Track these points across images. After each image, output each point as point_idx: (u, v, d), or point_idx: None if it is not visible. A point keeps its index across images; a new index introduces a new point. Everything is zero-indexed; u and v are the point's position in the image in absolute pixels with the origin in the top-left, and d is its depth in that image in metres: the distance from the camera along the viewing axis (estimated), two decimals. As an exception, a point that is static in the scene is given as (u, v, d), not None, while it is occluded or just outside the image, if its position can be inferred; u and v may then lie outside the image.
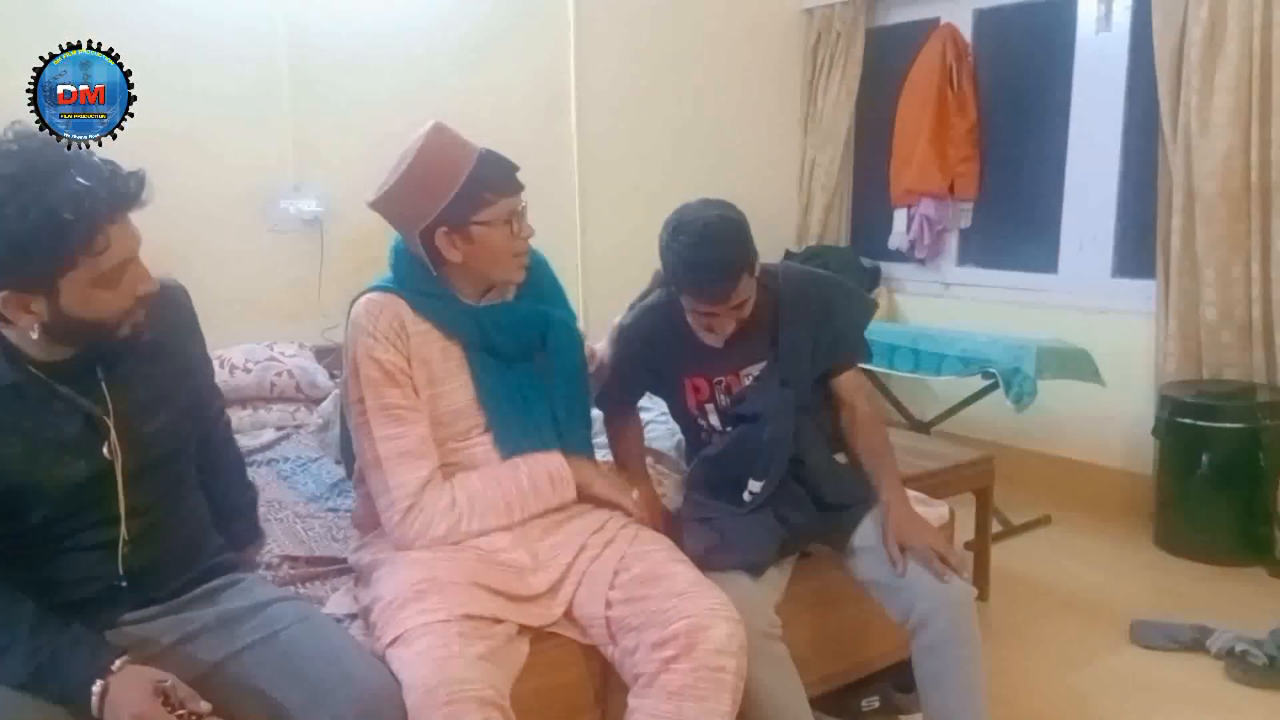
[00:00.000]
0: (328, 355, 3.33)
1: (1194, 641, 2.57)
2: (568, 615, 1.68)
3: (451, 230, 1.67)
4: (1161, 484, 3.39)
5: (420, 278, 1.72)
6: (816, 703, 1.82)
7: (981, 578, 2.78)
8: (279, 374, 3.09)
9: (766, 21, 4.57)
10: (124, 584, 1.42)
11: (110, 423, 1.37)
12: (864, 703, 2.24)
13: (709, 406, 1.96)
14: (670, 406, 2.10)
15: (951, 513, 2.37)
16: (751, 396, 1.90)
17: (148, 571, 1.45)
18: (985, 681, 1.79)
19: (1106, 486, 3.75)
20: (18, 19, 2.87)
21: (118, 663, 1.31)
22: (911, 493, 2.18)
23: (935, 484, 2.56)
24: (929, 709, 1.81)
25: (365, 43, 3.51)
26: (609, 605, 1.63)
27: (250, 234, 3.37)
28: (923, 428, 3.71)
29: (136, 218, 1.34)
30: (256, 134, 3.34)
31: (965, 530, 2.64)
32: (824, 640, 2.08)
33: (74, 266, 1.23)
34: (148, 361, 1.43)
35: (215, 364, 1.91)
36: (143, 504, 1.43)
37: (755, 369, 1.91)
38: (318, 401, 3.01)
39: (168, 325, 1.47)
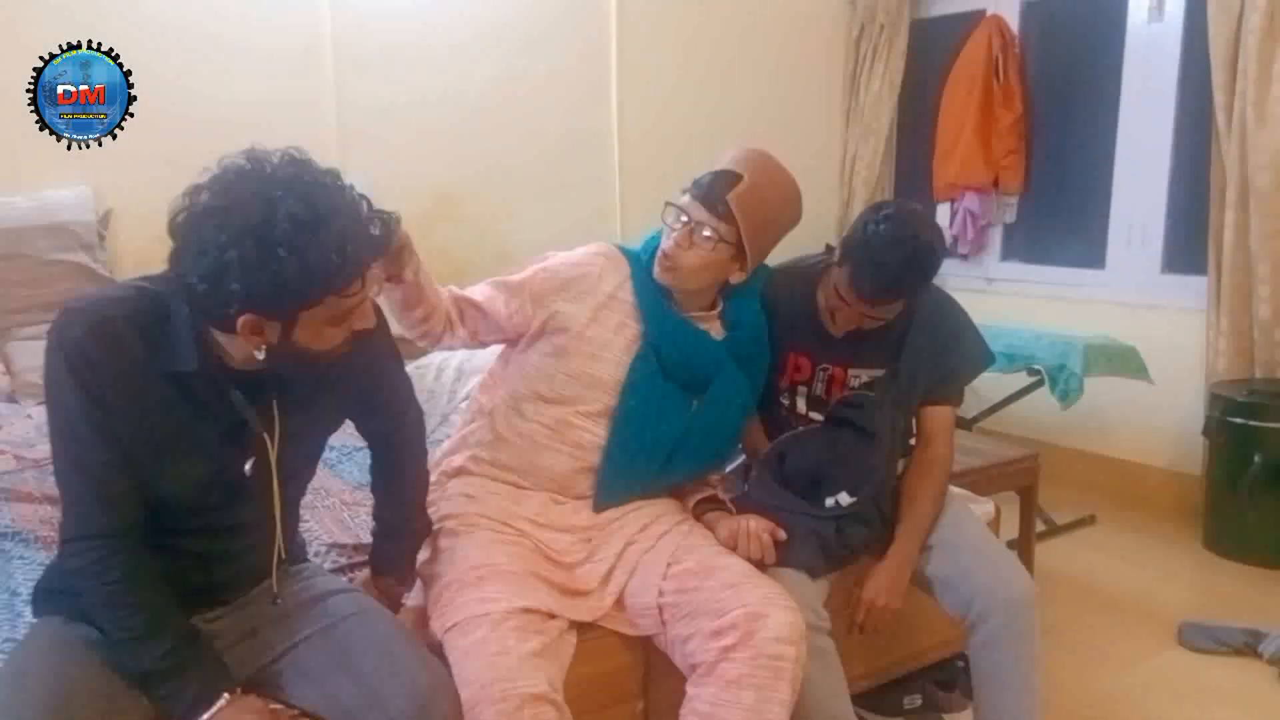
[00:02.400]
0: (370, 344, 3.36)
1: (1245, 645, 2.52)
2: (617, 607, 1.68)
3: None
4: (1211, 485, 3.33)
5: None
6: (858, 699, 1.81)
7: (1025, 577, 2.75)
8: (322, 363, 3.11)
9: (808, 13, 4.53)
10: (279, 601, 1.46)
11: (272, 442, 1.37)
12: (906, 700, 2.22)
13: (802, 389, 1.92)
14: None
15: (997, 509, 2.34)
16: (862, 407, 1.83)
17: (244, 575, 1.47)
18: (1040, 680, 1.77)
19: (1153, 486, 3.69)
20: (61, 10, 2.91)
21: (236, 692, 1.33)
22: (957, 490, 2.16)
23: (979, 481, 2.53)
24: (982, 704, 1.80)
25: (408, 35, 3.53)
26: (661, 594, 1.63)
27: (295, 224, 3.39)
28: (965, 424, 3.67)
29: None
30: (300, 124, 3.36)
31: (1009, 529, 2.61)
32: (867, 636, 2.05)
33: (320, 304, 1.23)
34: (319, 387, 1.42)
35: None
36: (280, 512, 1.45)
37: (864, 373, 1.88)
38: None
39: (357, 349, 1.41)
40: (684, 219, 1.69)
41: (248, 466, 1.37)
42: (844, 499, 1.80)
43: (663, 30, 4.11)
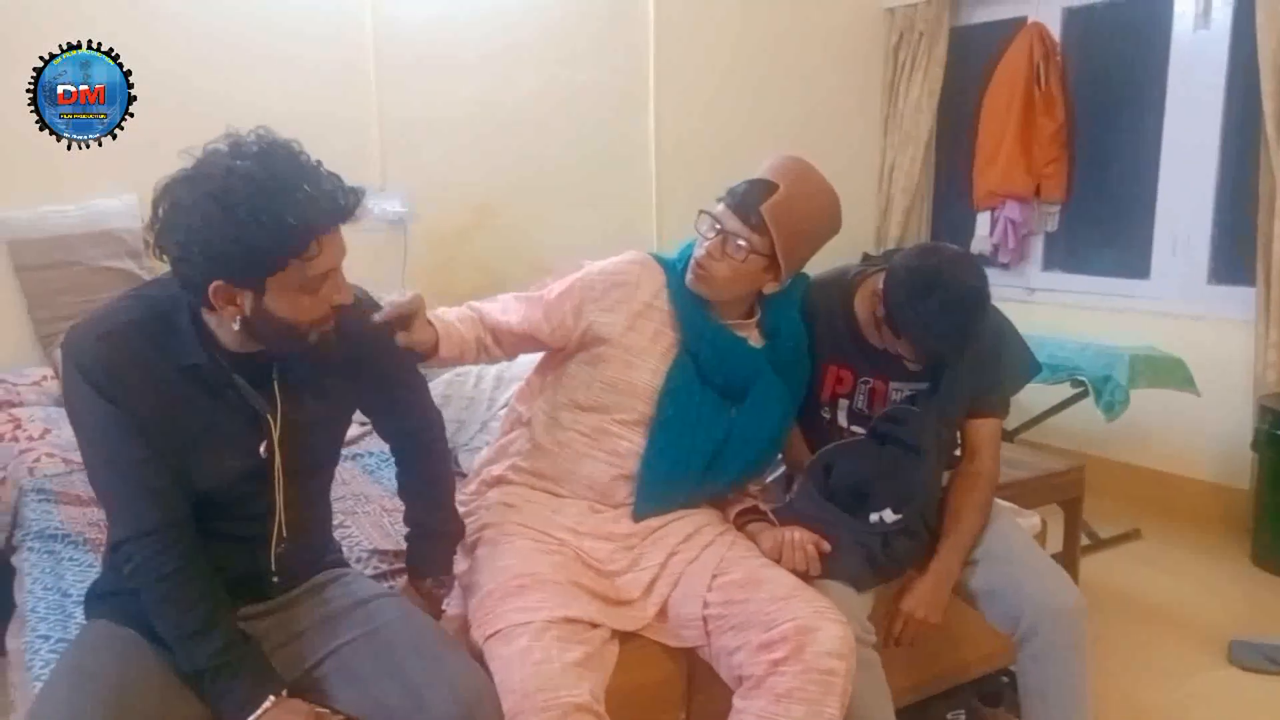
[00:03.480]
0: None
1: (1300, 665, 2.46)
2: (660, 618, 1.67)
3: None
4: (1260, 499, 3.26)
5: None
6: (900, 713, 1.78)
7: (1070, 591, 2.70)
8: (363, 370, 3.14)
9: (847, 21, 4.51)
10: (276, 579, 1.47)
11: (276, 424, 1.40)
12: (949, 715, 2.19)
13: (843, 402, 1.90)
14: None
15: (1044, 523, 2.31)
16: (906, 422, 1.80)
17: (290, 568, 1.49)
18: (1090, 695, 1.74)
19: (1199, 500, 3.62)
20: (107, 21, 2.97)
21: (283, 694, 1.34)
22: (1002, 502, 2.13)
23: (1023, 493, 2.50)
24: (1030, 719, 1.77)
25: (449, 47, 3.56)
26: (706, 605, 1.62)
27: (336, 233, 3.43)
28: (1007, 436, 3.62)
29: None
30: (343, 135, 3.40)
31: (1053, 542, 2.57)
32: (911, 649, 2.03)
33: (284, 269, 1.27)
34: (323, 371, 1.45)
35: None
36: (297, 502, 1.47)
37: (906, 386, 1.85)
38: (400, 398, 3.05)
39: (347, 338, 1.45)
40: (717, 228, 1.68)
41: (262, 449, 1.40)
42: (889, 515, 1.77)
43: (700, 40, 4.12)
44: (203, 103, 3.08)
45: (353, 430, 2.92)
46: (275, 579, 1.48)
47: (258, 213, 1.22)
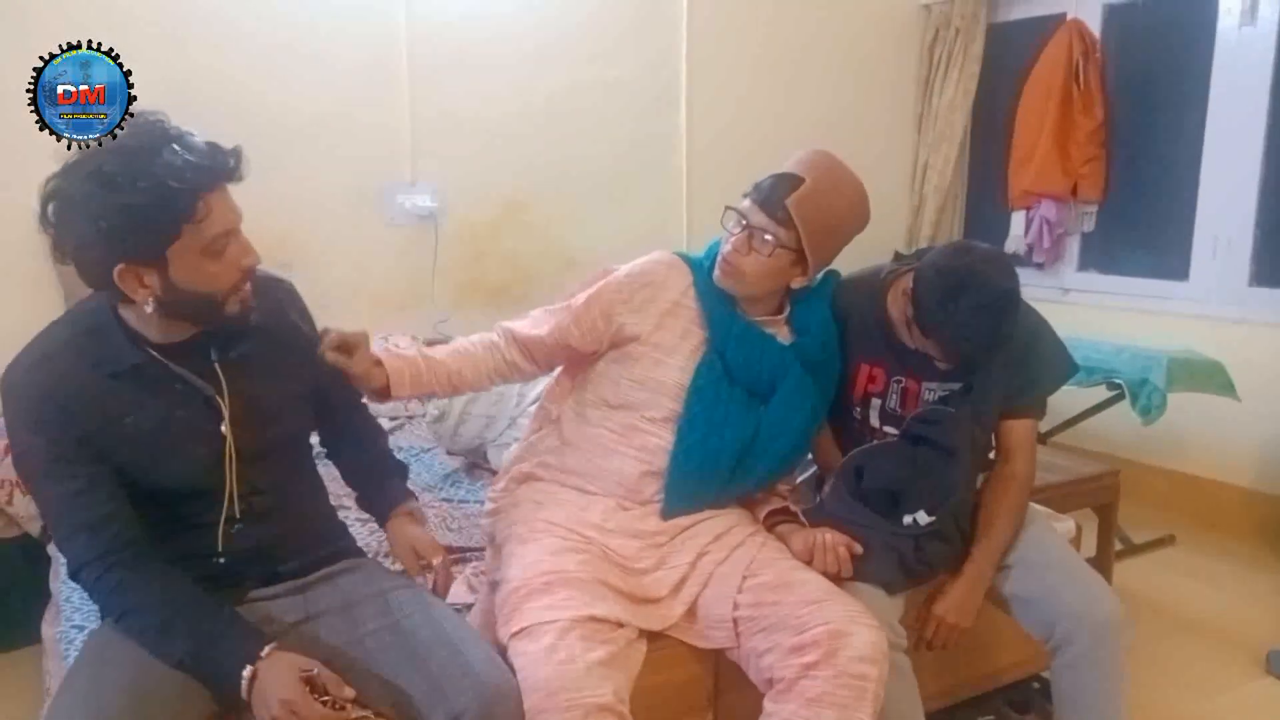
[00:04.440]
0: (439, 347, 3.39)
1: (1340, 677, 2.41)
2: (688, 619, 1.66)
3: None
4: (1300, 507, 3.20)
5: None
6: (930, 718, 1.76)
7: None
8: (392, 365, 3.15)
9: (881, 17, 4.47)
10: (222, 560, 1.46)
11: (225, 403, 1.41)
12: (978, 721, 2.17)
13: (875, 401, 1.88)
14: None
15: (1078, 528, 2.27)
16: (940, 423, 1.77)
17: (265, 550, 1.49)
18: (1126, 704, 1.71)
19: (1236, 506, 3.55)
20: (147, 16, 3.00)
21: (267, 649, 1.34)
22: (1038, 507, 2.10)
23: (1057, 497, 2.46)
24: (1064, 729, 1.75)
25: (480, 41, 3.56)
26: (736, 607, 1.61)
27: (367, 227, 3.45)
28: (1040, 438, 3.57)
29: (263, 206, 1.40)
30: (375, 130, 3.42)
31: (1086, 548, 2.53)
32: (941, 653, 2.00)
33: (179, 236, 1.28)
34: (262, 346, 1.47)
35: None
36: (260, 485, 1.47)
37: (939, 386, 1.82)
38: (429, 393, 3.07)
39: (279, 312, 1.52)
40: (744, 223, 1.67)
41: (223, 428, 1.41)
42: (922, 517, 1.75)
43: (732, 36, 4.09)
44: (238, 101, 3.11)
45: (384, 424, 2.95)
46: (221, 560, 1.46)
47: (136, 180, 1.23)
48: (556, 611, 1.49)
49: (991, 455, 1.93)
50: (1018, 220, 4.30)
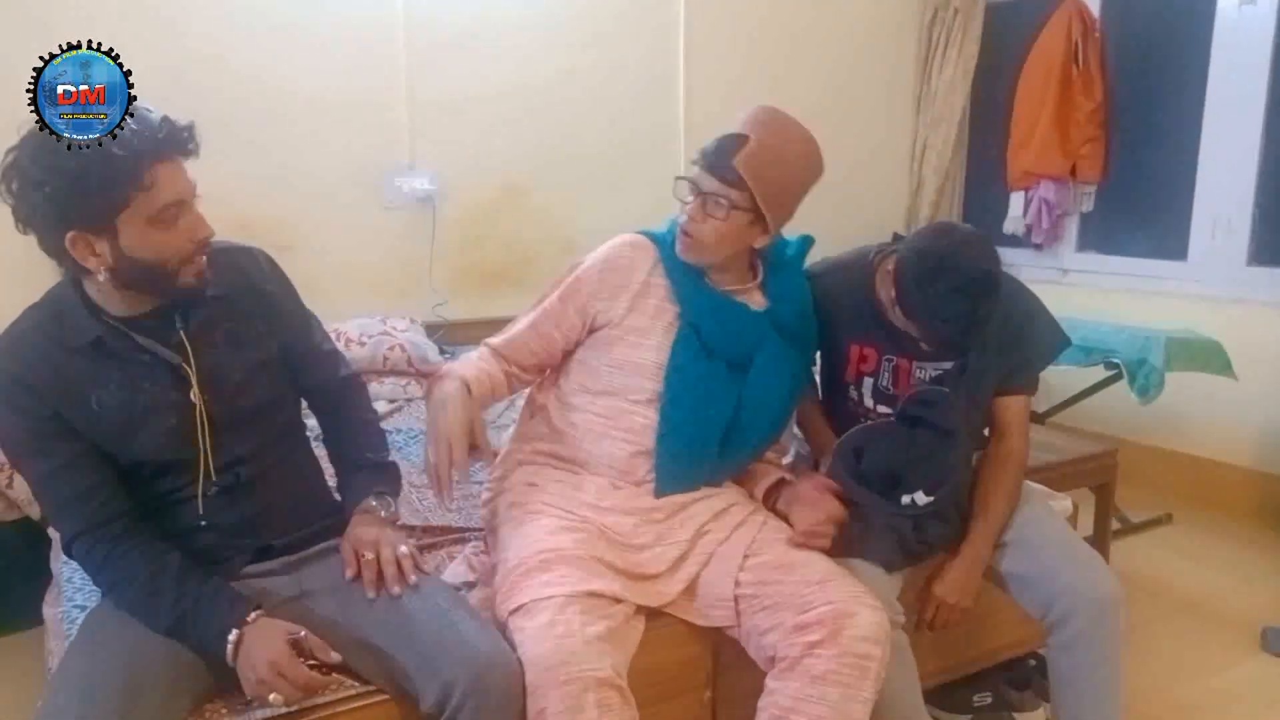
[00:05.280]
0: (438, 330, 3.40)
1: (1335, 653, 2.42)
2: (687, 597, 1.66)
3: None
4: (1297, 486, 3.21)
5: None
6: (928, 695, 1.78)
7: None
8: (391, 348, 3.15)
9: (880, -1, 4.45)
10: (206, 528, 1.47)
11: (193, 371, 1.42)
12: (976, 698, 2.18)
13: (867, 381, 1.88)
14: (823, 369, 2.00)
15: (1075, 507, 2.28)
16: (936, 404, 1.77)
17: (253, 522, 1.51)
18: (1122, 685, 1.72)
19: (1234, 486, 3.57)
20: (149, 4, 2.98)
21: (253, 614, 1.37)
22: (1035, 485, 2.11)
23: (1055, 477, 2.47)
24: (1061, 708, 1.76)
25: (479, 28, 3.54)
26: (738, 585, 1.62)
27: (365, 210, 3.44)
28: (1038, 418, 3.58)
29: (261, 190, 1.40)
30: (373, 113, 3.40)
31: (1083, 526, 2.54)
32: (940, 631, 2.02)
33: (128, 204, 1.29)
34: (227, 315, 1.48)
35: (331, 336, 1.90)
36: (239, 455, 1.48)
37: (930, 365, 1.82)
38: (427, 376, 3.07)
39: (243, 280, 1.53)
40: (695, 190, 1.66)
41: (192, 395, 1.42)
42: (920, 498, 1.76)
43: (730, 18, 4.07)
44: (236, 85, 3.10)
45: (380, 408, 2.96)
46: (203, 528, 1.47)
47: (79, 148, 1.26)
48: (554, 588, 1.49)
49: (986, 433, 1.94)
50: (1017, 201, 4.29)
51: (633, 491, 1.73)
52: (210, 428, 1.44)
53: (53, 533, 2.08)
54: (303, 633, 1.37)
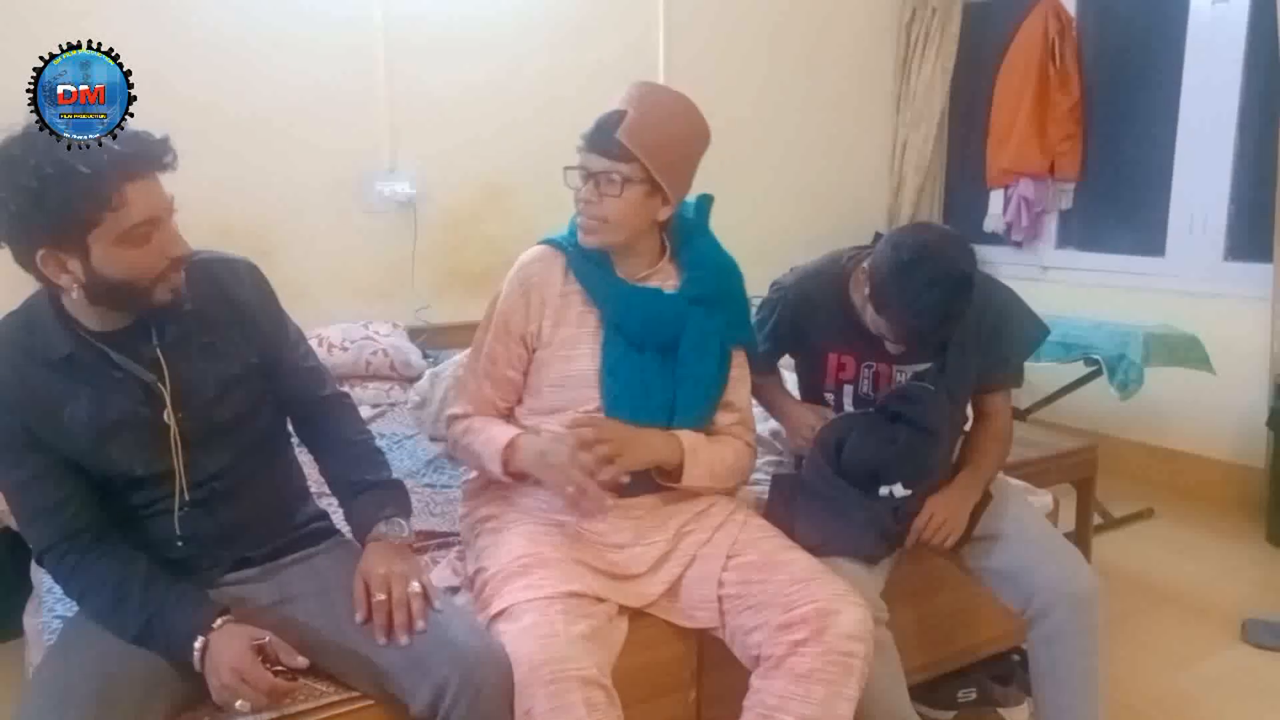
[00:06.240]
0: (420, 335, 3.39)
1: (1313, 643, 2.45)
2: (670, 598, 1.66)
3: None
4: (1275, 477, 3.24)
5: None
6: (912, 692, 1.79)
7: (1082, 570, 2.70)
8: (374, 353, 3.15)
9: (859, -2, 4.47)
10: (181, 545, 1.45)
11: (165, 389, 1.39)
12: (960, 694, 2.19)
13: (848, 389, 1.89)
14: (802, 375, 2.02)
15: (1056, 502, 2.30)
16: (918, 402, 1.78)
17: (229, 534, 1.49)
18: (1103, 677, 1.74)
19: (1214, 479, 3.60)
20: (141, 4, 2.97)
21: (219, 620, 1.36)
22: (1015, 481, 2.12)
23: (1035, 473, 2.48)
24: (1042, 702, 1.77)
25: (458, 27, 3.54)
26: (722, 585, 1.62)
27: (346, 215, 3.43)
28: (1019, 415, 3.60)
29: (241, 195, 1.37)
30: (353, 117, 3.39)
31: (1065, 522, 2.56)
32: (923, 628, 2.04)
33: (98, 224, 1.25)
34: (204, 330, 1.44)
35: (313, 342, 1.83)
36: (213, 470, 1.46)
37: (909, 369, 1.83)
38: (411, 380, 3.06)
39: (220, 294, 1.48)
40: (586, 174, 1.65)
41: (165, 416, 1.40)
42: (899, 490, 1.77)
43: (710, 18, 4.08)
44: (215, 90, 3.08)
45: (363, 413, 2.94)
46: (180, 543, 1.45)
47: (42, 165, 1.21)
48: (535, 590, 1.49)
49: (966, 428, 1.95)
50: (996, 199, 4.33)
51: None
52: (184, 444, 1.42)
53: (33, 542, 2.07)
54: (267, 637, 1.35)
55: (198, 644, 1.32)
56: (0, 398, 1.34)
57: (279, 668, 1.34)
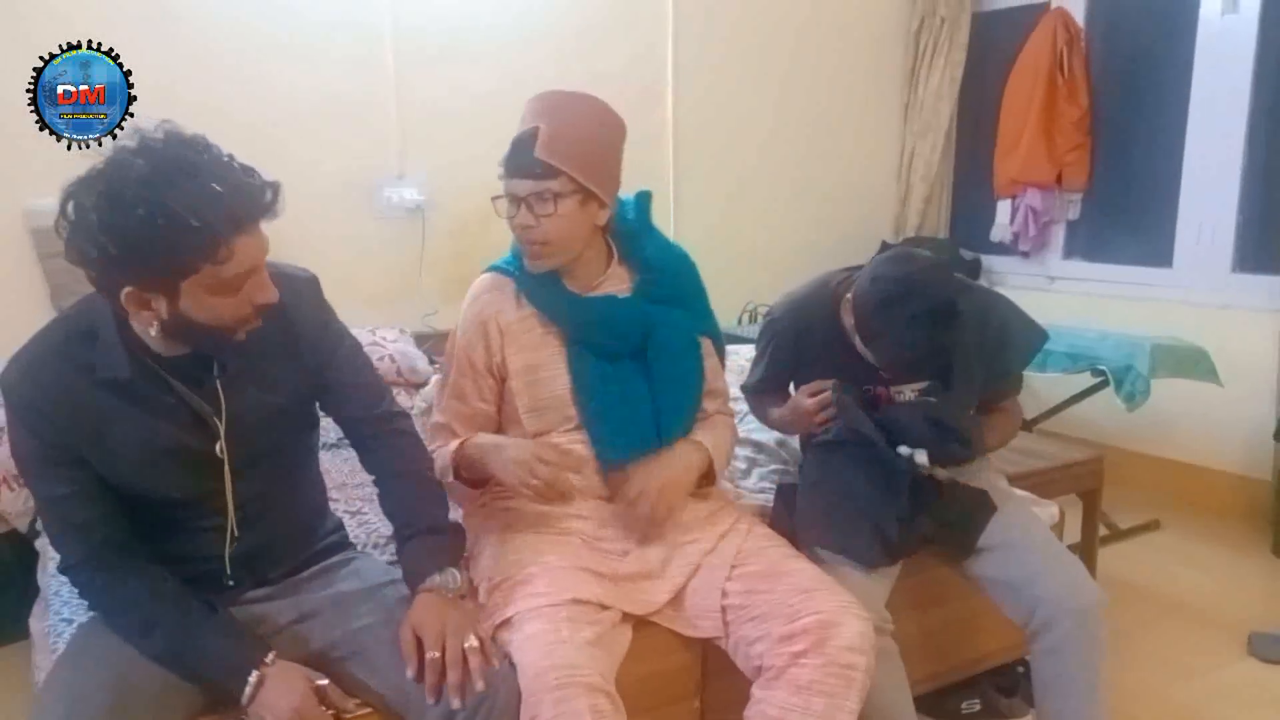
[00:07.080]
0: (427, 341, 3.39)
1: (1320, 657, 2.44)
2: (674, 607, 1.66)
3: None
4: (1283, 490, 3.23)
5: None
6: (916, 702, 1.78)
7: (1088, 582, 2.69)
8: (381, 359, 3.14)
9: (866, 7, 4.47)
10: (229, 569, 1.45)
11: (221, 423, 1.37)
12: (964, 705, 2.18)
13: None
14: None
15: (1061, 513, 2.29)
16: (905, 423, 1.78)
17: (255, 556, 1.49)
18: (1107, 690, 1.73)
19: (1221, 491, 3.59)
20: (146, 10, 2.98)
21: (270, 656, 1.35)
22: (1020, 491, 2.12)
23: (1042, 483, 2.48)
24: (1045, 714, 1.76)
25: (466, 35, 3.55)
26: (725, 595, 1.62)
27: (355, 221, 3.44)
28: (1026, 426, 3.59)
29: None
30: (362, 123, 3.41)
31: (1071, 533, 2.56)
32: (928, 638, 2.04)
33: (196, 272, 1.21)
34: (261, 359, 1.41)
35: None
36: (251, 494, 1.45)
37: (908, 389, 1.84)
38: (418, 386, 3.06)
39: (284, 319, 1.43)
40: (515, 200, 1.63)
41: (217, 449, 1.39)
42: (920, 457, 1.76)
43: (718, 27, 4.09)
44: (224, 96, 3.10)
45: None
46: (230, 581, 1.46)
47: (154, 214, 1.15)
48: (539, 599, 1.50)
49: None
50: (1003, 209, 4.32)
51: (598, 503, 1.73)
52: (232, 475, 1.41)
53: (41, 546, 2.08)
54: (325, 682, 1.36)
55: (252, 678, 1.31)
56: (46, 412, 1.30)
57: (333, 712, 1.36)
